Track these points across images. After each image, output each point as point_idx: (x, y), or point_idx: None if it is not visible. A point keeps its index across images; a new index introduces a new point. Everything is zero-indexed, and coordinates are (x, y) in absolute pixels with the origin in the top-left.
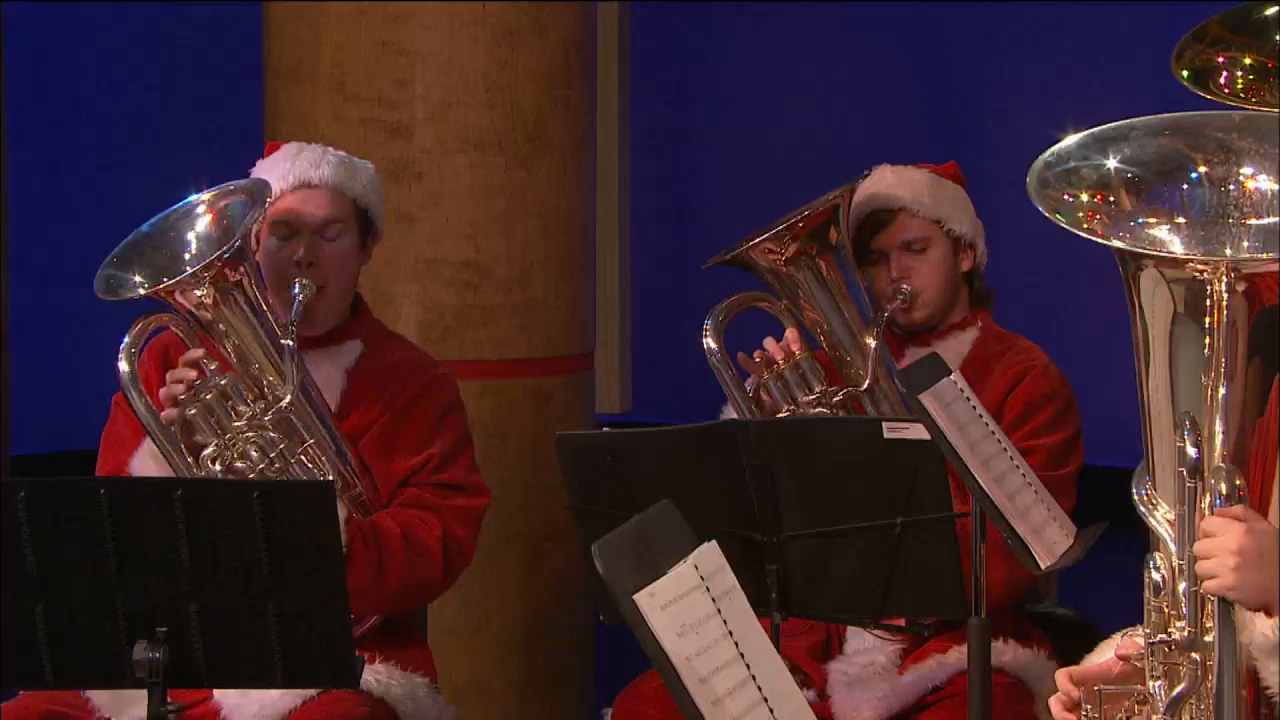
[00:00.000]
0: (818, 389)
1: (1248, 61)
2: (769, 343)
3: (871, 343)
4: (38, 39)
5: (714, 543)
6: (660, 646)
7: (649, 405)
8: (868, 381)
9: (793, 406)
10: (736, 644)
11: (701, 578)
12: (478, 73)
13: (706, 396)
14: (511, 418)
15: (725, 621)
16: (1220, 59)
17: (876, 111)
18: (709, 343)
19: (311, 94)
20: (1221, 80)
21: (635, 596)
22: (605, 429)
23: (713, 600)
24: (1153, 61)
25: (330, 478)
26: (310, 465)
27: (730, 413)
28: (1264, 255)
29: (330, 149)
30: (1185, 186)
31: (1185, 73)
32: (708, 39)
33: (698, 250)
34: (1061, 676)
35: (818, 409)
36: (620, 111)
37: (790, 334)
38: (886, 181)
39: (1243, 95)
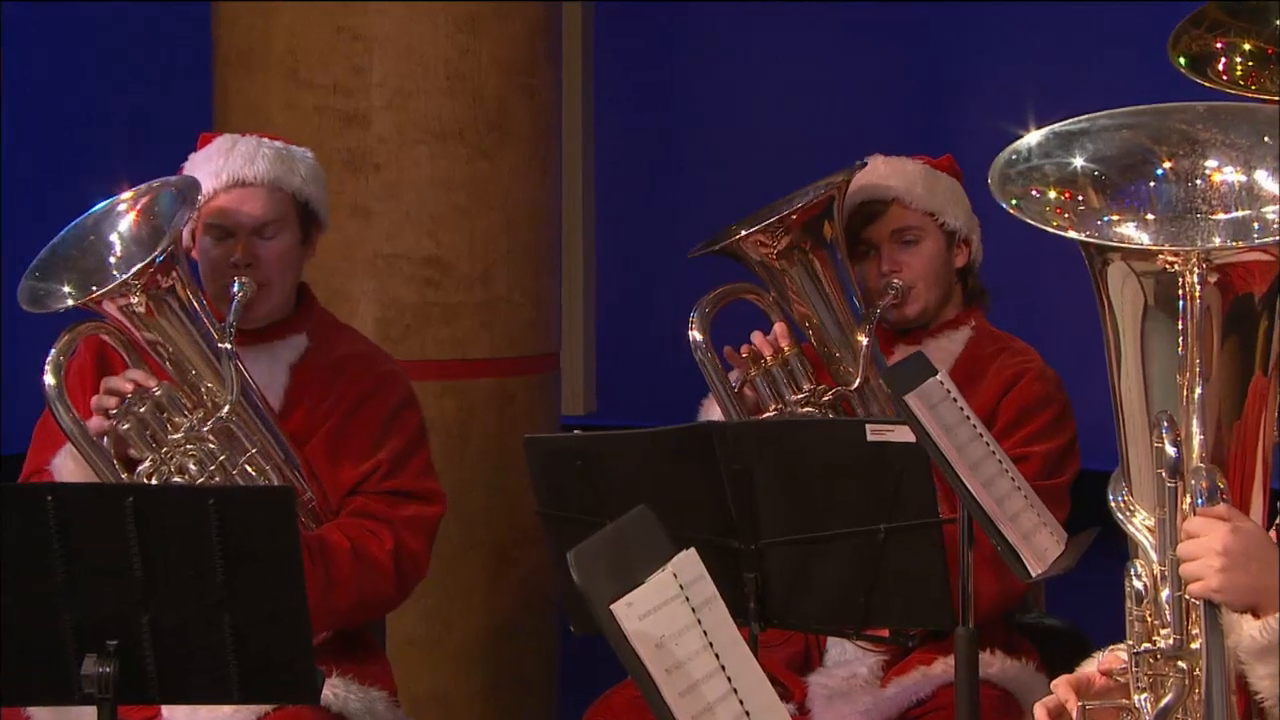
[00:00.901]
0: (806, 387)
1: (1247, 47)
2: (757, 337)
3: (863, 340)
4: None
5: (693, 550)
6: (638, 659)
7: (613, 407)
8: (858, 380)
9: (780, 405)
10: (717, 655)
11: (681, 586)
12: (438, 59)
13: (673, 397)
14: (474, 420)
15: (705, 632)
16: (1219, 44)
17: (855, 104)
18: (695, 334)
19: (263, 82)
20: (1220, 66)
21: (613, 606)
22: (576, 431)
23: (692, 610)
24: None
25: (276, 485)
26: (254, 475)
27: (710, 411)
28: (1235, 243)
29: (266, 140)
30: (1151, 183)
31: (1182, 59)
32: (678, 27)
33: (664, 246)
34: (1062, 685)
35: (806, 408)
36: (584, 101)
37: (779, 328)
38: (879, 172)
39: (1242, 82)
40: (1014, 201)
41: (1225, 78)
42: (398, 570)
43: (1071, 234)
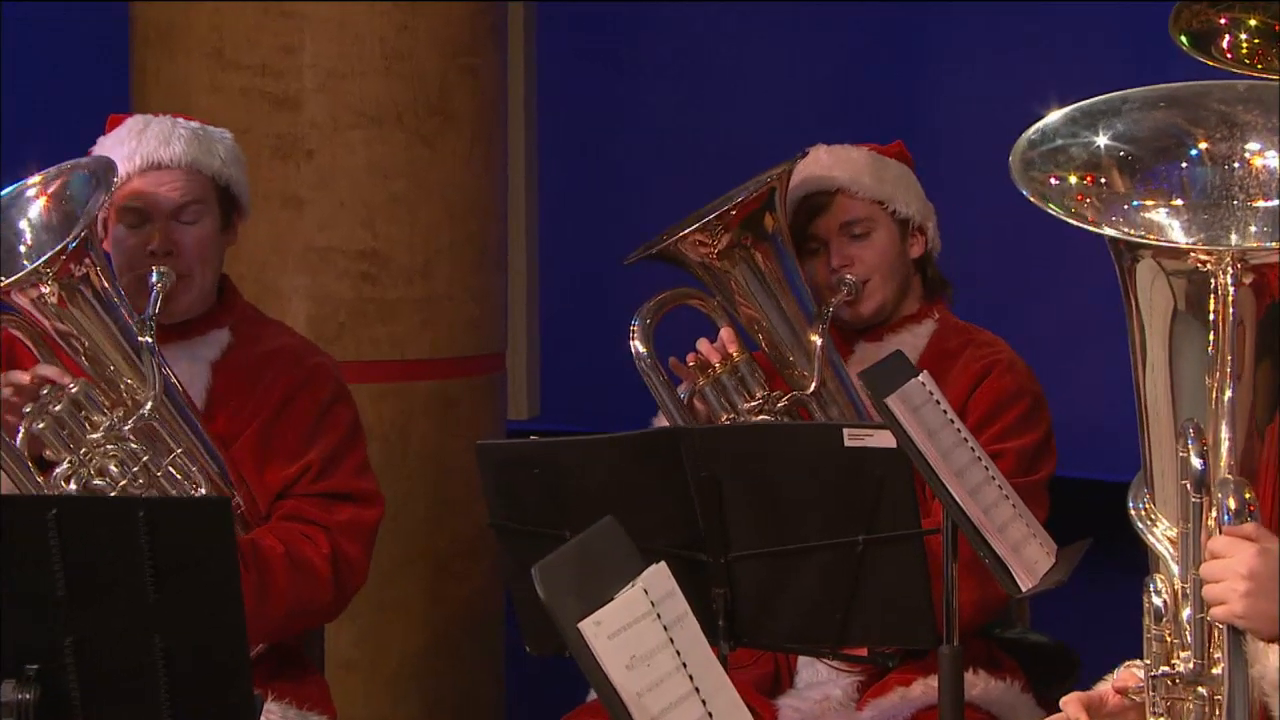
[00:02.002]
0: (759, 394)
1: (1253, 23)
2: (703, 345)
3: (817, 340)
4: None
5: (663, 564)
6: (608, 681)
7: (557, 411)
8: (814, 384)
9: (732, 415)
10: (691, 677)
11: (652, 603)
12: (374, 38)
13: (623, 401)
14: (413, 425)
15: (679, 653)
16: (1222, 20)
17: (813, 89)
18: (637, 346)
19: (185, 62)
20: (1224, 44)
21: (580, 625)
22: (531, 437)
23: (664, 628)
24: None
25: (202, 491)
26: (179, 477)
27: (662, 424)
28: (1274, 244)
29: (181, 120)
30: (1184, 165)
31: (1183, 37)
32: (626, 7)
33: (612, 239)
34: (1073, 703)
35: (760, 416)
36: (527, 84)
37: (725, 334)
38: (821, 162)
39: (1247, 61)
40: (1038, 191)
41: (1230, 56)
42: (335, 576)
43: (1107, 230)
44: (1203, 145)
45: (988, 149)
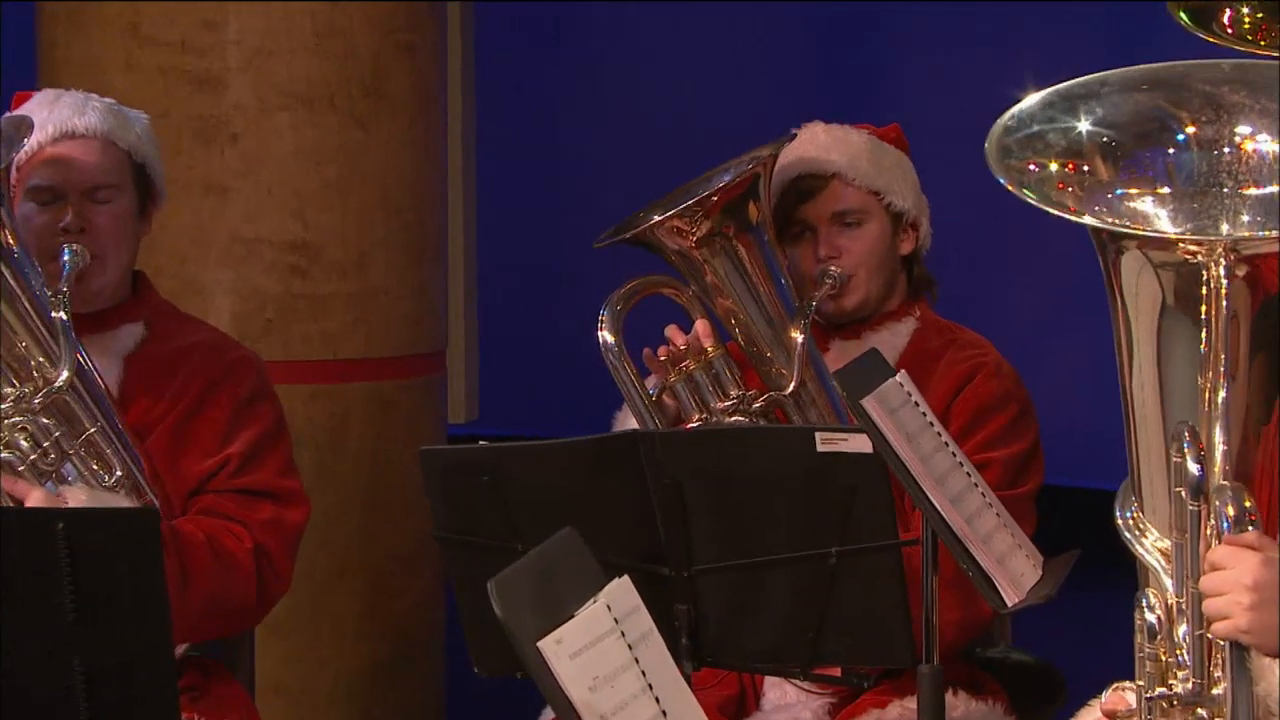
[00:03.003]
0: (734, 393)
1: None
2: (675, 336)
3: (798, 337)
4: None
5: (626, 579)
6: (570, 704)
7: (496, 415)
8: (793, 383)
9: (704, 414)
10: (658, 700)
11: (615, 620)
12: (303, 12)
13: (568, 404)
14: (347, 429)
15: (644, 673)
16: None
17: (768, 74)
18: (605, 336)
19: (98, 38)
20: (1225, 19)
21: (540, 644)
22: (481, 442)
23: (629, 647)
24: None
25: (117, 473)
26: (92, 461)
27: (624, 423)
28: (1268, 233)
29: (95, 96)
30: (1170, 151)
31: (1183, 14)
32: None
33: (553, 231)
34: None
35: (734, 416)
36: (465, 62)
37: (701, 326)
38: (819, 142)
39: (1250, 36)
40: (1015, 179)
41: (1231, 32)
42: (258, 573)
43: (1086, 219)
44: (1189, 130)
45: (956, 133)
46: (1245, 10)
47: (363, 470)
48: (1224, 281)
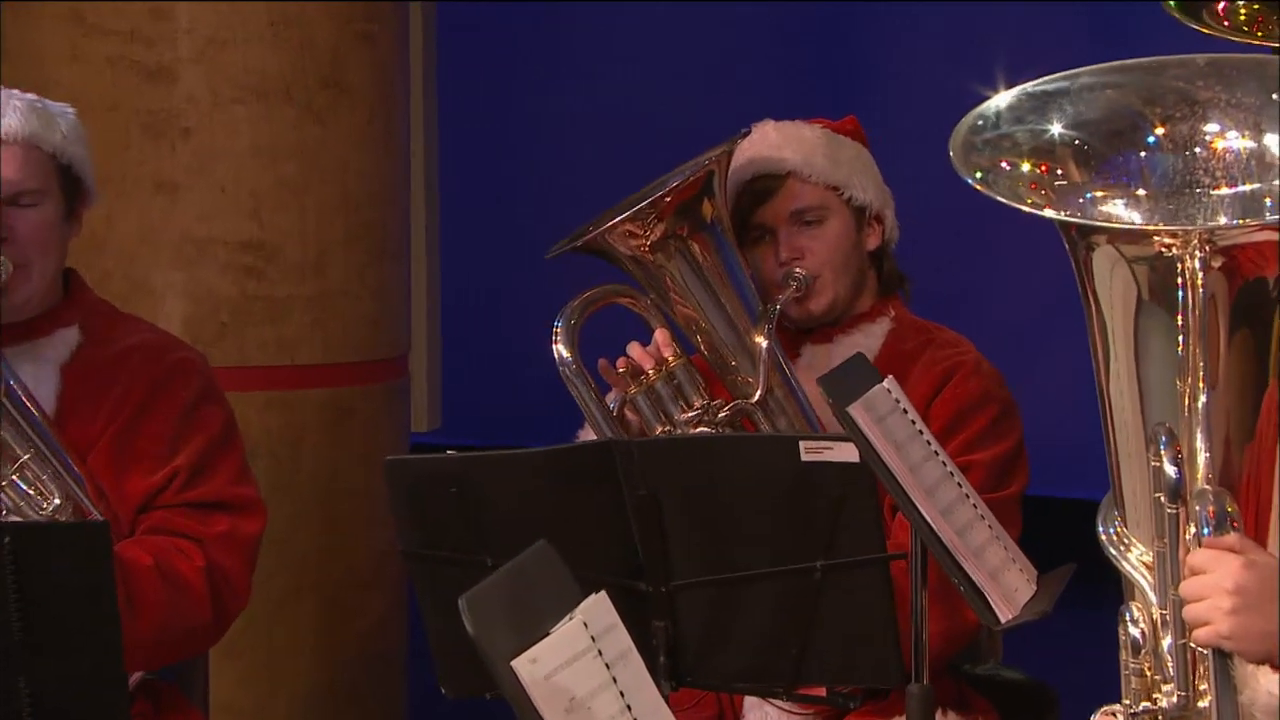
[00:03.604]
0: (698, 403)
1: None
2: (634, 349)
3: (762, 343)
4: None
5: (603, 594)
6: None
7: (462, 423)
8: (760, 392)
9: (668, 427)
10: None
11: (592, 638)
12: (258, 1)
13: (536, 411)
14: (304, 439)
15: (623, 694)
16: None
17: (736, 68)
18: (560, 350)
19: (43, 26)
20: (1219, 9)
21: (514, 663)
22: (448, 452)
23: (606, 666)
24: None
25: (56, 501)
26: (29, 489)
27: (589, 438)
28: (1244, 220)
29: (16, 93)
30: (1143, 153)
31: (1173, 1)
32: None
33: (520, 232)
34: None
35: (699, 427)
36: (426, 55)
37: (660, 336)
38: (770, 141)
39: (1246, 28)
40: (979, 175)
41: (1226, 24)
42: (213, 593)
43: (1049, 213)
44: (1160, 130)
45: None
46: (1241, 2)
47: (321, 482)
48: (1200, 273)
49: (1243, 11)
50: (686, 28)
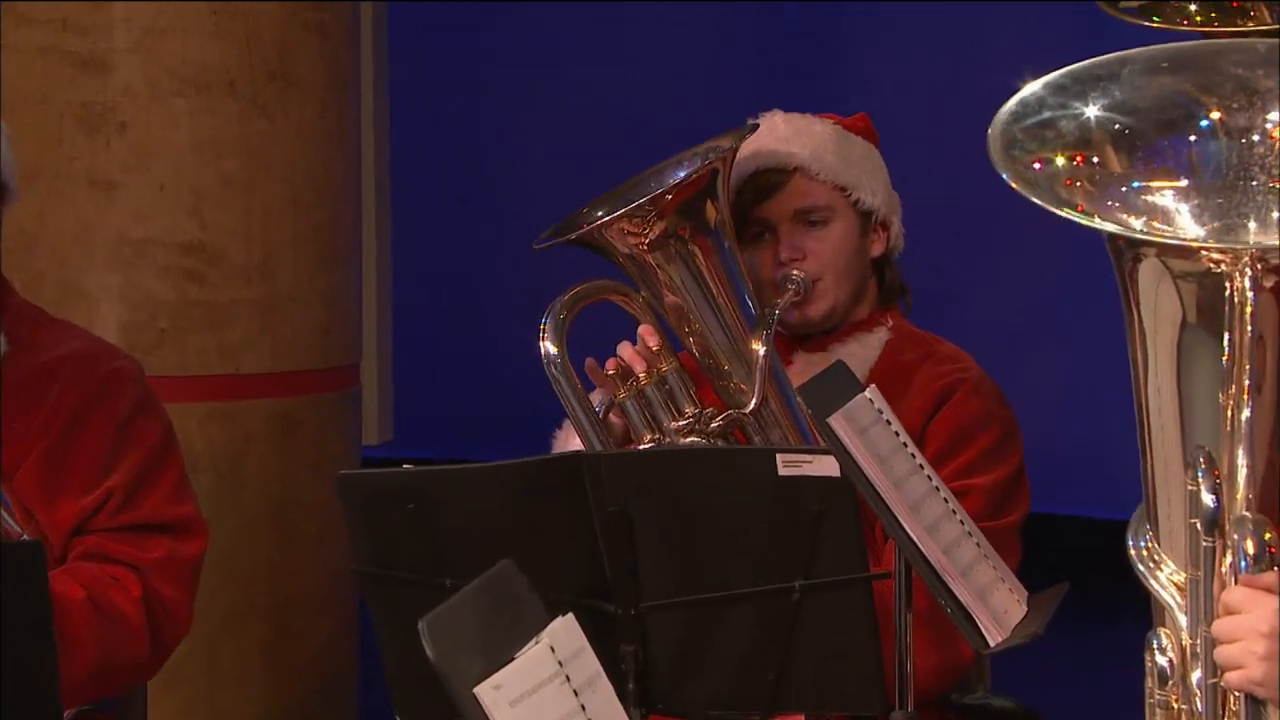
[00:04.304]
0: (689, 411)
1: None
2: (625, 350)
3: (760, 350)
4: None
5: (570, 617)
6: None
7: (414, 436)
8: (754, 401)
9: (656, 434)
10: None
11: (560, 663)
12: None
13: (494, 424)
14: (249, 452)
15: None
16: None
17: (713, 56)
18: (547, 347)
19: None
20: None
21: (478, 689)
22: (405, 466)
23: (574, 693)
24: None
25: None
26: None
27: (566, 443)
28: None
29: None
30: (1194, 139)
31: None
32: None
33: (475, 233)
34: None
35: (690, 436)
36: (377, 43)
37: (644, 331)
38: (778, 133)
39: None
40: (1022, 174)
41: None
42: (150, 624)
43: (1099, 223)
44: (1215, 116)
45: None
46: (1194, 8)
47: (267, 498)
48: (1250, 294)
49: (1198, 18)
50: (648, 26)
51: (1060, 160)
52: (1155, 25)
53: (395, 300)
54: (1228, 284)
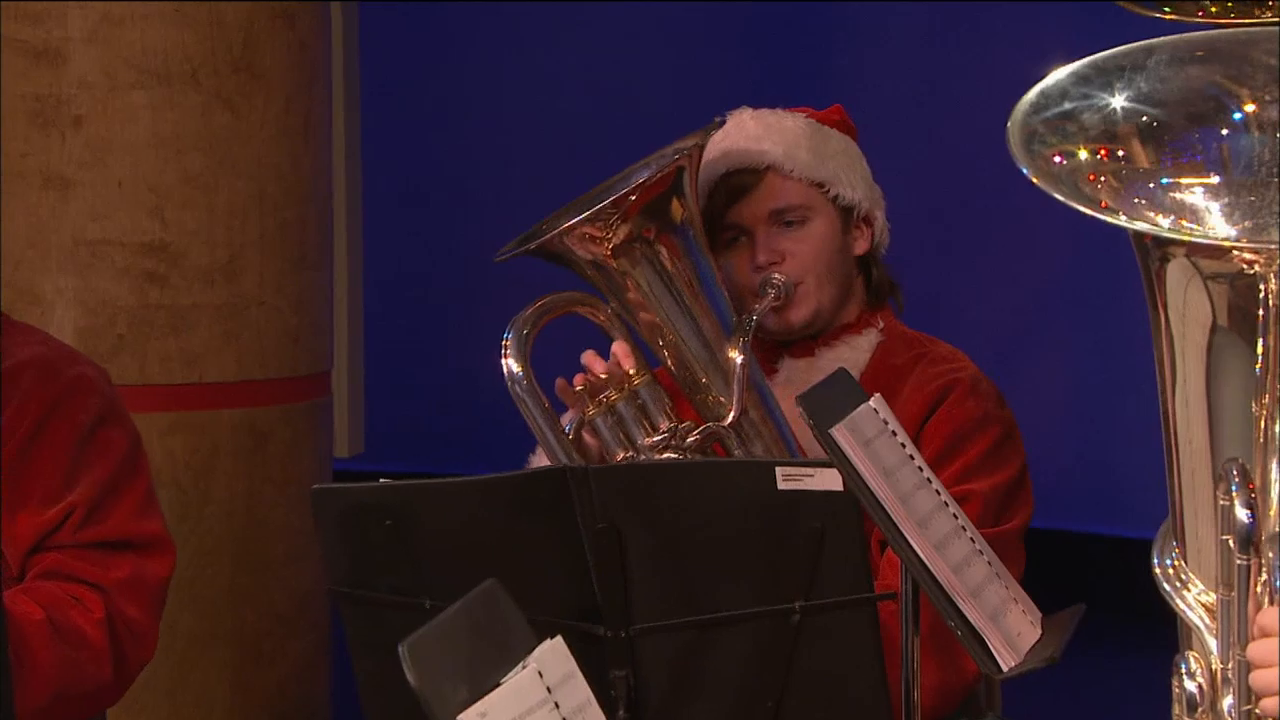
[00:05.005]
0: (664, 426)
1: None
2: (594, 363)
3: (736, 358)
4: None
5: (559, 640)
6: None
7: (387, 448)
8: (733, 413)
9: (630, 452)
10: None
11: (548, 689)
12: None
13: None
14: (214, 466)
15: None
16: None
17: (688, 56)
18: (510, 365)
19: None
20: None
21: (462, 717)
22: (382, 480)
23: None
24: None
25: None
26: None
27: (542, 464)
28: None
29: None
30: (1225, 133)
31: None
32: None
33: (450, 234)
34: None
35: (666, 453)
36: (347, 33)
37: (618, 348)
38: (747, 131)
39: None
40: (1043, 168)
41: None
42: (114, 647)
43: (1124, 221)
44: (1249, 108)
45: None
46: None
47: (233, 514)
48: None
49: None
50: (630, 26)
51: (1083, 154)
52: (1168, 17)
53: (370, 305)
54: (1262, 286)
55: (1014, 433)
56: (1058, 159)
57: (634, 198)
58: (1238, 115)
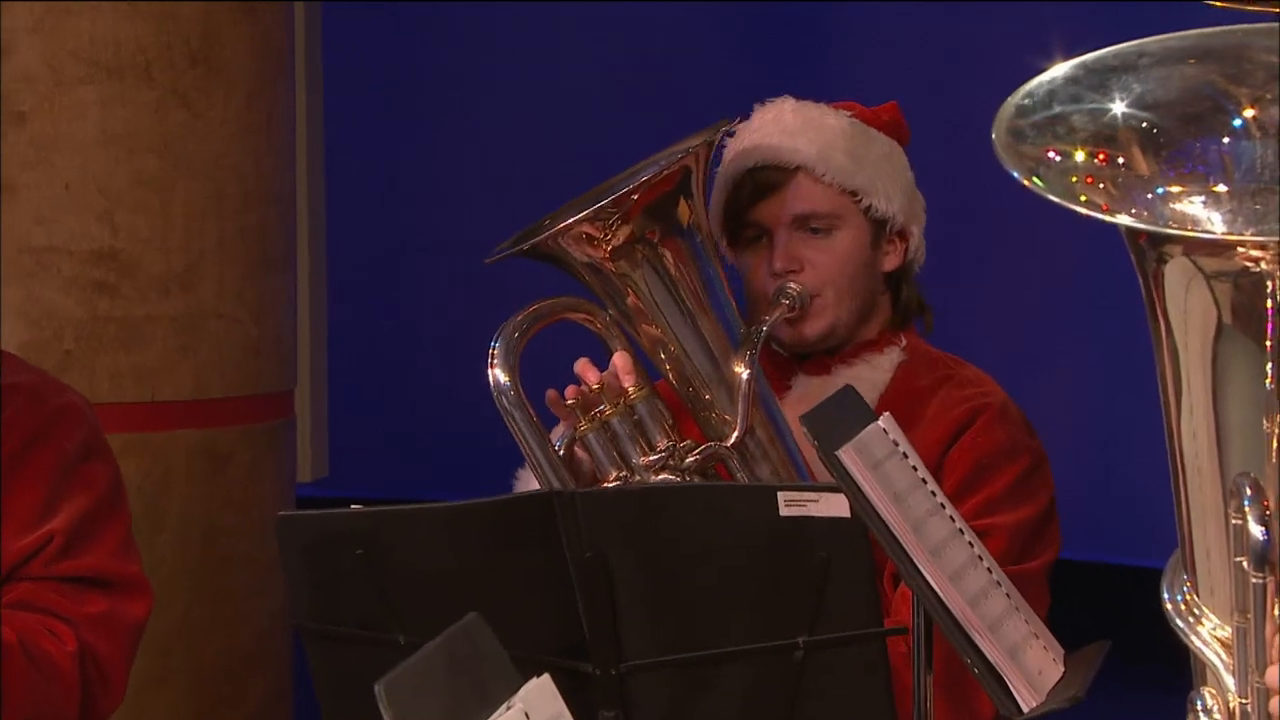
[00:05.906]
0: (662, 445)
1: None
2: (588, 373)
3: (742, 372)
4: None
5: (546, 678)
6: None
7: (352, 472)
8: (738, 432)
9: (624, 472)
10: None
11: None
12: None
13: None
14: (168, 490)
15: None
16: None
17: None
18: (498, 375)
19: None
20: None
21: None
22: (353, 506)
23: None
24: None
25: None
26: None
27: (526, 485)
28: None
29: None
30: (1226, 139)
31: None
32: None
33: (419, 239)
34: None
35: (663, 474)
36: (309, 26)
37: (619, 361)
38: (784, 124)
39: None
40: (1029, 166)
41: None
42: (84, 681)
43: (1120, 218)
44: (1248, 112)
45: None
46: None
47: (189, 543)
48: None
49: None
50: (607, 21)
51: (1079, 156)
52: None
53: (335, 318)
54: (1269, 283)
55: (1043, 464)
56: (1050, 155)
57: (636, 198)
58: (1238, 121)
